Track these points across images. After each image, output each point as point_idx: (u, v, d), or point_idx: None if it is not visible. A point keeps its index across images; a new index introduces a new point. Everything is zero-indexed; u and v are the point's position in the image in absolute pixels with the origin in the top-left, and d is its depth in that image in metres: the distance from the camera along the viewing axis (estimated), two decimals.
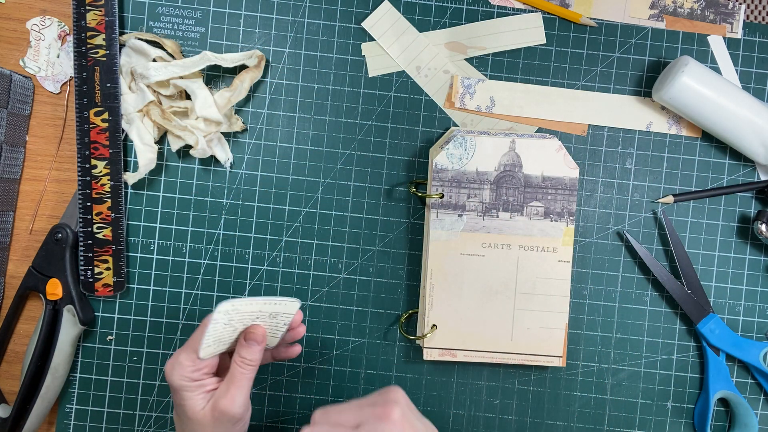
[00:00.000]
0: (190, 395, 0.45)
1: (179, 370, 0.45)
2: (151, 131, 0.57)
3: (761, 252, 0.60)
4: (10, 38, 0.59)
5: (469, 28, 0.60)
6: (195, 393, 0.45)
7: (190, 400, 0.45)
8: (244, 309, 0.45)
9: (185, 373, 0.45)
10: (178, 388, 0.45)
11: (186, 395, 0.45)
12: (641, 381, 0.60)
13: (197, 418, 0.45)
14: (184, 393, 0.45)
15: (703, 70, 0.56)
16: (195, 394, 0.45)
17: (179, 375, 0.45)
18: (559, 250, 0.57)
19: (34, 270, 0.57)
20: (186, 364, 0.45)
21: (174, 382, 0.45)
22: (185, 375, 0.45)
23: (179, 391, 0.45)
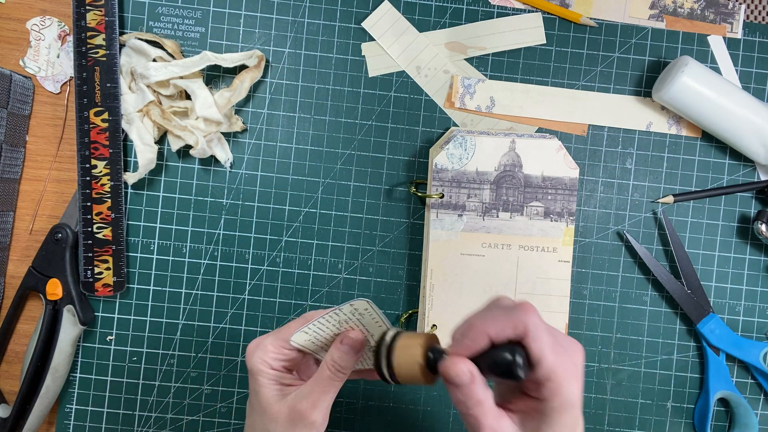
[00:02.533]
0: (266, 382, 0.43)
1: (261, 353, 0.43)
2: (151, 131, 0.57)
3: (761, 252, 0.60)
4: (10, 38, 0.59)
5: (469, 28, 0.60)
6: (271, 381, 0.43)
7: (265, 387, 0.42)
8: (367, 320, 0.42)
9: (266, 358, 0.43)
10: (255, 372, 0.43)
11: (262, 381, 0.43)
12: (641, 381, 0.60)
13: (270, 413, 0.42)
14: (259, 378, 0.43)
15: (703, 70, 0.56)
16: (271, 383, 0.43)
17: (259, 358, 0.43)
18: (559, 250, 0.57)
19: (34, 270, 0.57)
20: (270, 348, 0.43)
21: (252, 365, 0.43)
22: (266, 360, 0.43)
23: (255, 375, 0.43)
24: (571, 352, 0.39)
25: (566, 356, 0.38)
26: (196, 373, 0.59)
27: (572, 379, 0.38)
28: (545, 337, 0.37)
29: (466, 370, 0.37)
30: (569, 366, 0.38)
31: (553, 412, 0.38)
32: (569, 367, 0.38)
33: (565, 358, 0.38)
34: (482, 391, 0.38)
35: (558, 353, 0.37)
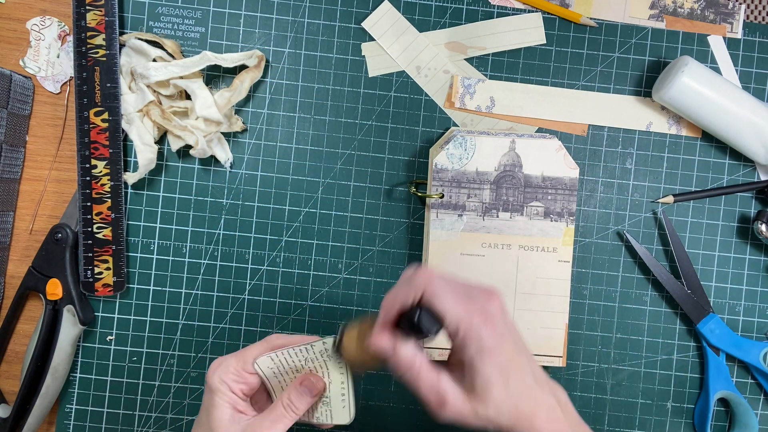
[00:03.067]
0: (222, 403, 0.43)
1: (222, 372, 0.43)
2: (151, 131, 0.57)
3: (761, 252, 0.60)
4: (10, 38, 0.59)
5: (469, 28, 0.60)
6: (226, 403, 0.43)
7: (219, 408, 0.43)
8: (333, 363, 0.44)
9: (226, 378, 0.43)
10: (213, 389, 0.43)
11: (217, 401, 0.43)
12: (641, 381, 0.60)
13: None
14: (215, 397, 0.43)
15: (703, 70, 0.56)
16: (226, 405, 0.43)
17: (219, 377, 0.43)
18: (559, 250, 0.57)
19: (34, 270, 0.57)
20: (231, 369, 0.43)
21: (212, 382, 0.43)
22: (225, 380, 0.43)
23: (212, 393, 0.43)
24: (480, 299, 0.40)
25: (472, 304, 0.39)
26: (196, 373, 0.59)
27: (482, 325, 0.39)
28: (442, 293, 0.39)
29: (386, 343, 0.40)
30: (476, 313, 0.39)
31: (473, 360, 0.39)
32: (476, 314, 0.39)
33: (471, 307, 0.39)
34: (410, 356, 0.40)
35: (460, 303, 0.39)
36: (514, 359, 0.41)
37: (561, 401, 0.43)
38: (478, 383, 0.40)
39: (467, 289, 0.41)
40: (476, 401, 0.40)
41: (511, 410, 0.41)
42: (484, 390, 0.40)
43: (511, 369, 0.40)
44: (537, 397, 0.41)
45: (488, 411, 0.40)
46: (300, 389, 0.44)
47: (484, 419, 0.41)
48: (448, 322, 0.39)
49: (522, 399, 0.41)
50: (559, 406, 0.42)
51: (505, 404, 0.40)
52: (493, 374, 0.40)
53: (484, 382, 0.40)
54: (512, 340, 0.41)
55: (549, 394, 0.42)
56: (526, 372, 0.41)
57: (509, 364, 0.40)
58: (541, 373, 0.43)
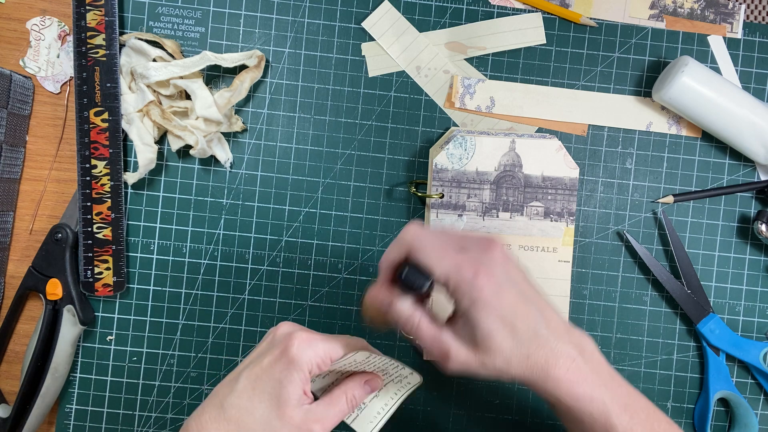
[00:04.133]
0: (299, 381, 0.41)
1: (312, 353, 0.41)
2: (151, 131, 0.57)
3: (761, 252, 0.60)
4: (10, 38, 0.59)
5: (469, 28, 0.60)
6: (303, 382, 0.41)
7: (296, 385, 0.41)
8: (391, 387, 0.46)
9: (314, 359, 0.41)
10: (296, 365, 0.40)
11: (296, 377, 0.40)
12: (641, 381, 0.60)
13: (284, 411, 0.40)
14: (296, 373, 0.40)
15: (703, 70, 0.56)
16: (302, 384, 0.41)
17: (310, 357, 0.41)
18: (559, 250, 0.57)
19: (34, 270, 0.57)
20: (321, 354, 0.41)
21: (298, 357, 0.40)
22: (312, 360, 0.41)
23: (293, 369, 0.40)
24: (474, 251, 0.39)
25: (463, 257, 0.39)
26: (196, 373, 0.59)
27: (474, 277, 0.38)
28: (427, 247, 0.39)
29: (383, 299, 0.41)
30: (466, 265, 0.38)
31: (468, 312, 0.39)
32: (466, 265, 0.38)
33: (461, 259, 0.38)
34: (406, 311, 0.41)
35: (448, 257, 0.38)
36: (519, 308, 0.39)
37: (586, 350, 0.41)
38: (478, 335, 0.39)
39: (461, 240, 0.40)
40: (481, 353, 0.40)
41: (521, 360, 0.39)
42: (486, 341, 0.39)
43: (516, 318, 0.39)
44: (551, 346, 0.40)
45: (496, 362, 0.39)
46: (365, 387, 0.44)
47: (495, 370, 0.40)
48: (437, 276, 0.39)
49: (533, 348, 0.40)
50: (581, 356, 0.41)
51: (514, 354, 0.39)
52: (492, 325, 0.38)
53: (484, 334, 0.39)
54: (515, 290, 0.40)
55: (567, 343, 0.41)
56: (536, 320, 0.40)
57: (513, 314, 0.39)
58: (558, 321, 0.41)
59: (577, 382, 0.40)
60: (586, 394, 0.40)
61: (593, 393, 0.40)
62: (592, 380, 0.41)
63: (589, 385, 0.40)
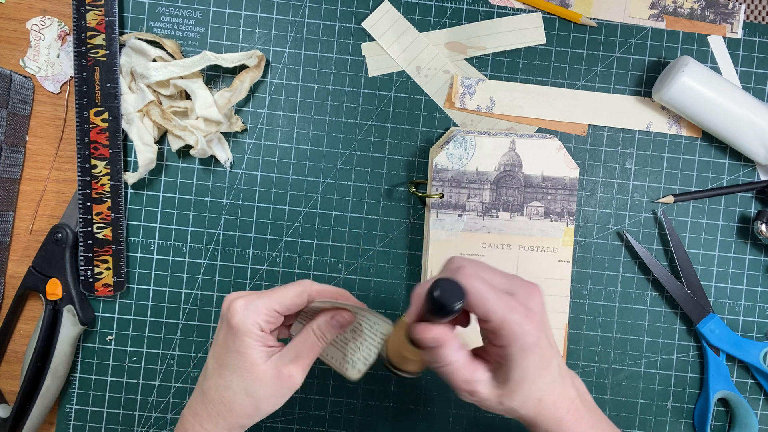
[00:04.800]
0: (254, 343, 0.42)
1: (252, 314, 0.42)
2: (151, 131, 0.57)
3: (761, 252, 0.60)
4: (10, 38, 0.59)
5: (469, 28, 0.60)
6: (258, 343, 0.43)
7: (253, 349, 0.42)
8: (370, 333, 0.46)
9: (258, 320, 0.42)
10: (243, 332, 0.42)
11: (249, 342, 0.42)
12: (641, 381, 0.60)
13: (256, 373, 0.42)
14: (247, 339, 0.42)
15: (703, 70, 0.56)
16: (258, 344, 0.43)
17: (251, 319, 0.42)
18: (559, 250, 0.57)
19: (34, 270, 0.57)
20: (263, 310, 0.42)
21: (241, 324, 0.42)
22: (257, 321, 0.42)
23: (242, 336, 0.42)
24: (523, 295, 0.41)
25: (515, 302, 0.40)
26: (196, 373, 0.59)
27: (525, 323, 0.39)
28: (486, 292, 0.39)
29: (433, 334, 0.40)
30: (519, 311, 0.40)
31: (515, 356, 0.40)
32: (519, 311, 0.40)
33: (514, 305, 0.40)
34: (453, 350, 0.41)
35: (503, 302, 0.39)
36: (547, 355, 0.41)
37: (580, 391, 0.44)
38: (513, 379, 0.41)
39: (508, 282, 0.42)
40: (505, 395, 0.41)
41: (535, 403, 0.41)
42: (518, 384, 0.41)
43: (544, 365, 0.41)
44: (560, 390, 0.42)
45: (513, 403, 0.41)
46: (331, 322, 0.45)
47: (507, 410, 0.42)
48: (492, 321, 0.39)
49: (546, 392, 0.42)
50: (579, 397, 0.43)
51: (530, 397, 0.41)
52: (529, 371, 0.40)
53: (520, 378, 0.40)
54: (547, 336, 0.42)
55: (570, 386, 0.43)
56: (555, 367, 0.42)
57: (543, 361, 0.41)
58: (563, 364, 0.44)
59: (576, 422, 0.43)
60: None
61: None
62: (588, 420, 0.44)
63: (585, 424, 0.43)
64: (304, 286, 0.45)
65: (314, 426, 0.59)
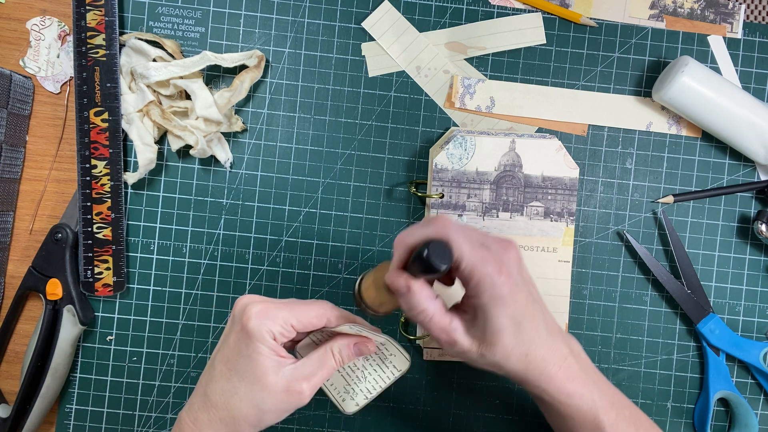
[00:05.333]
0: (268, 351, 0.42)
1: (270, 323, 0.42)
2: (151, 131, 0.57)
3: (761, 252, 0.60)
4: (10, 38, 0.59)
5: (469, 28, 0.60)
6: (272, 351, 0.42)
7: (265, 356, 0.41)
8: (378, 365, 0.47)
9: (275, 330, 0.42)
10: (257, 339, 0.41)
11: (263, 349, 0.41)
12: (641, 381, 0.60)
13: (265, 383, 0.41)
14: (261, 346, 0.41)
15: (703, 70, 0.56)
16: (272, 353, 0.42)
17: (267, 327, 0.42)
18: (559, 250, 0.57)
19: (34, 270, 0.57)
20: (280, 322, 0.42)
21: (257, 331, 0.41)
22: (273, 331, 0.42)
23: (256, 342, 0.41)
24: (497, 249, 0.41)
25: (487, 253, 0.40)
26: (196, 373, 0.59)
27: (496, 274, 0.40)
28: (460, 240, 0.40)
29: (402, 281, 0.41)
30: (491, 262, 0.40)
31: (487, 307, 0.40)
32: (491, 263, 0.40)
33: (486, 255, 0.40)
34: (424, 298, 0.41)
35: (476, 251, 0.40)
36: (528, 309, 0.41)
37: (574, 350, 0.44)
38: (489, 330, 0.41)
39: (483, 237, 0.42)
40: (484, 346, 0.41)
41: (520, 358, 0.41)
42: (494, 337, 0.41)
43: (524, 318, 0.41)
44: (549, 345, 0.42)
45: (496, 356, 0.41)
46: (353, 349, 0.45)
47: (491, 364, 0.42)
48: (462, 267, 0.40)
49: (533, 347, 0.41)
50: (571, 355, 0.43)
51: (514, 352, 0.41)
52: (504, 323, 0.40)
53: (495, 330, 0.40)
54: (526, 290, 0.41)
55: (561, 342, 0.43)
56: (539, 321, 0.42)
57: (522, 314, 0.41)
58: (553, 323, 0.43)
59: (568, 379, 0.42)
60: (576, 391, 0.43)
61: (583, 390, 0.43)
62: (582, 378, 0.43)
63: (579, 382, 0.43)
64: (324, 308, 0.44)
65: (314, 426, 0.59)
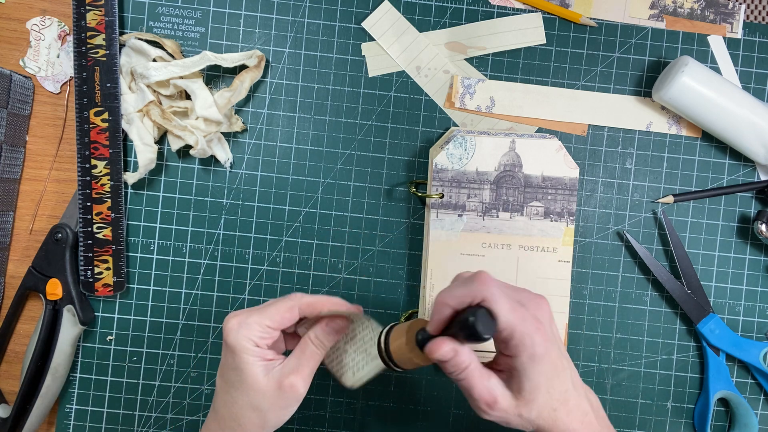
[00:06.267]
0: (252, 360, 0.43)
1: (246, 332, 0.43)
2: (151, 131, 0.57)
3: (761, 252, 0.60)
4: (10, 38, 0.59)
5: (469, 28, 0.60)
6: (257, 358, 0.43)
7: (251, 365, 0.43)
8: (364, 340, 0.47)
9: (252, 337, 0.43)
10: (239, 350, 0.43)
11: (247, 358, 0.43)
12: (641, 381, 0.60)
13: (258, 388, 0.43)
14: (244, 355, 0.43)
15: (703, 70, 0.56)
16: (257, 359, 0.43)
17: (245, 336, 0.43)
18: (559, 250, 0.57)
19: (34, 270, 0.57)
20: (256, 328, 0.43)
21: (236, 342, 0.43)
22: (251, 338, 0.43)
23: (239, 353, 0.43)
24: (532, 307, 0.42)
25: (525, 312, 0.41)
26: (196, 373, 0.59)
27: (534, 333, 0.41)
28: (501, 300, 0.40)
29: (448, 349, 0.41)
30: (529, 321, 0.41)
31: (525, 365, 0.41)
32: (529, 321, 0.41)
33: (525, 314, 0.41)
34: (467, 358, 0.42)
35: (515, 311, 0.41)
36: (558, 365, 0.42)
37: (593, 405, 0.45)
38: (527, 388, 0.42)
39: (518, 294, 0.43)
40: (522, 405, 0.42)
41: (550, 413, 0.42)
42: (531, 394, 0.42)
43: (555, 374, 0.42)
44: (574, 401, 0.43)
45: (531, 414, 0.42)
46: (327, 329, 0.45)
47: (526, 421, 0.43)
48: (502, 327, 0.41)
49: (561, 402, 0.43)
50: (592, 411, 0.44)
51: (545, 408, 0.42)
52: (541, 380, 0.41)
53: (533, 387, 0.41)
54: (557, 347, 0.43)
55: (584, 398, 0.44)
56: (567, 377, 0.43)
57: (554, 370, 0.42)
58: (577, 377, 0.44)
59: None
60: None
61: None
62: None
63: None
64: (294, 300, 0.45)
65: (314, 426, 0.59)
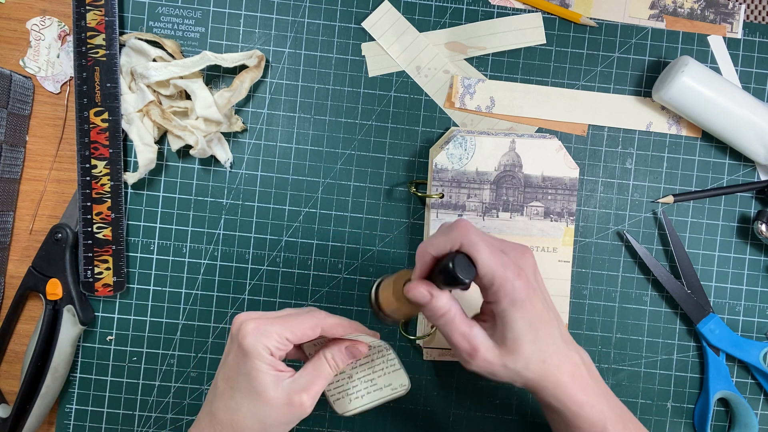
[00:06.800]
0: (265, 367, 0.42)
1: (264, 339, 0.42)
2: (151, 131, 0.57)
3: (761, 252, 0.60)
4: (10, 38, 0.59)
5: (469, 28, 0.60)
6: (269, 367, 0.42)
7: (263, 373, 0.42)
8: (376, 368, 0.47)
9: (270, 345, 0.42)
10: (253, 355, 0.42)
11: (260, 365, 0.42)
12: (641, 381, 0.60)
13: (266, 398, 0.42)
14: (257, 362, 0.42)
15: (703, 70, 0.56)
16: (269, 368, 0.42)
17: (262, 343, 0.42)
18: (559, 250, 0.57)
19: (34, 270, 0.57)
20: (275, 337, 0.42)
21: (252, 347, 0.42)
22: (268, 346, 0.42)
23: (252, 359, 0.42)
24: (514, 255, 0.42)
25: (506, 258, 0.41)
26: (196, 373, 0.59)
27: (515, 278, 0.40)
28: (480, 245, 0.40)
29: (423, 290, 0.41)
30: (510, 267, 0.41)
31: (506, 312, 0.41)
32: (510, 267, 0.40)
33: (505, 260, 0.41)
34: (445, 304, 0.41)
35: (496, 257, 0.40)
36: (543, 315, 0.41)
37: (585, 360, 0.44)
38: (509, 336, 0.41)
39: (501, 243, 0.43)
40: (506, 354, 0.41)
41: (538, 364, 0.42)
42: (515, 343, 0.41)
43: (540, 324, 0.41)
44: (563, 353, 0.42)
45: (517, 364, 0.41)
46: (345, 353, 0.45)
47: (512, 372, 0.42)
48: (483, 272, 0.40)
49: (549, 354, 0.42)
50: (584, 365, 0.43)
51: (533, 358, 0.41)
52: (524, 328, 0.40)
53: (516, 335, 0.41)
54: (542, 297, 0.42)
55: (574, 351, 0.43)
56: (554, 328, 0.42)
57: (539, 319, 0.41)
58: (566, 331, 0.44)
59: (580, 388, 0.43)
60: (587, 401, 0.43)
61: (593, 400, 0.43)
62: (593, 388, 0.43)
63: (590, 392, 0.43)
64: (318, 318, 0.44)
65: (314, 426, 0.59)
